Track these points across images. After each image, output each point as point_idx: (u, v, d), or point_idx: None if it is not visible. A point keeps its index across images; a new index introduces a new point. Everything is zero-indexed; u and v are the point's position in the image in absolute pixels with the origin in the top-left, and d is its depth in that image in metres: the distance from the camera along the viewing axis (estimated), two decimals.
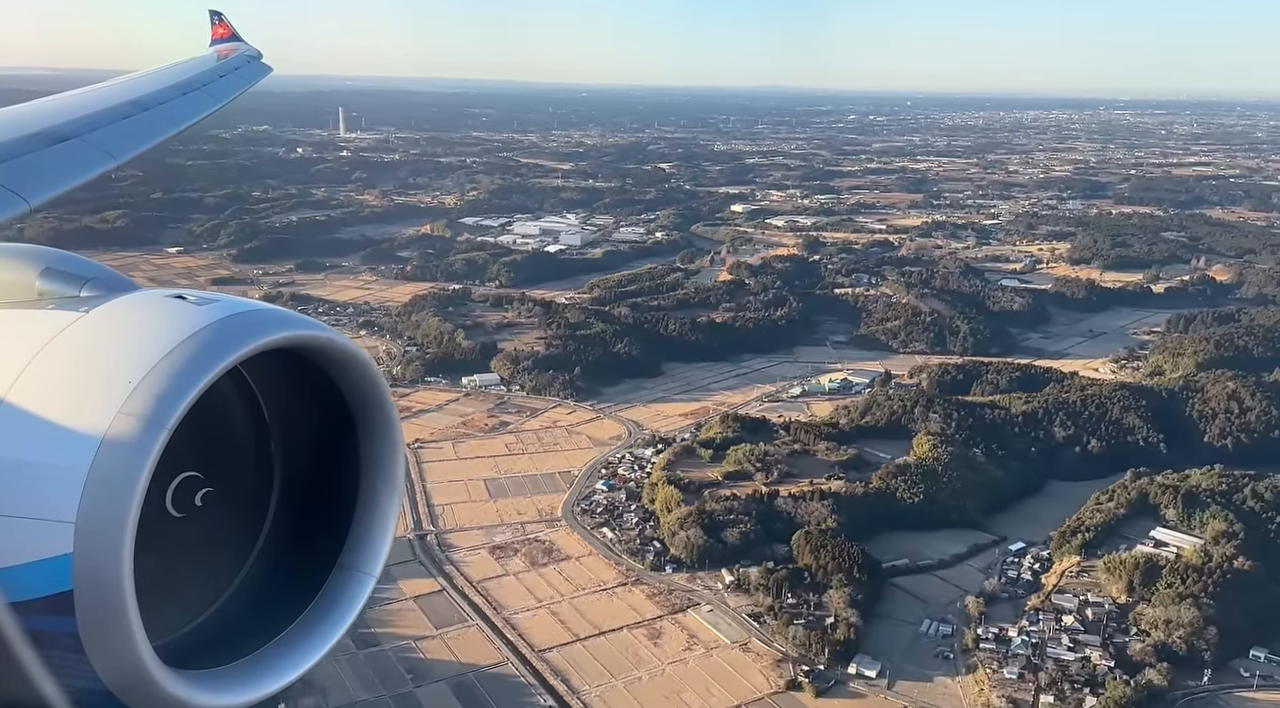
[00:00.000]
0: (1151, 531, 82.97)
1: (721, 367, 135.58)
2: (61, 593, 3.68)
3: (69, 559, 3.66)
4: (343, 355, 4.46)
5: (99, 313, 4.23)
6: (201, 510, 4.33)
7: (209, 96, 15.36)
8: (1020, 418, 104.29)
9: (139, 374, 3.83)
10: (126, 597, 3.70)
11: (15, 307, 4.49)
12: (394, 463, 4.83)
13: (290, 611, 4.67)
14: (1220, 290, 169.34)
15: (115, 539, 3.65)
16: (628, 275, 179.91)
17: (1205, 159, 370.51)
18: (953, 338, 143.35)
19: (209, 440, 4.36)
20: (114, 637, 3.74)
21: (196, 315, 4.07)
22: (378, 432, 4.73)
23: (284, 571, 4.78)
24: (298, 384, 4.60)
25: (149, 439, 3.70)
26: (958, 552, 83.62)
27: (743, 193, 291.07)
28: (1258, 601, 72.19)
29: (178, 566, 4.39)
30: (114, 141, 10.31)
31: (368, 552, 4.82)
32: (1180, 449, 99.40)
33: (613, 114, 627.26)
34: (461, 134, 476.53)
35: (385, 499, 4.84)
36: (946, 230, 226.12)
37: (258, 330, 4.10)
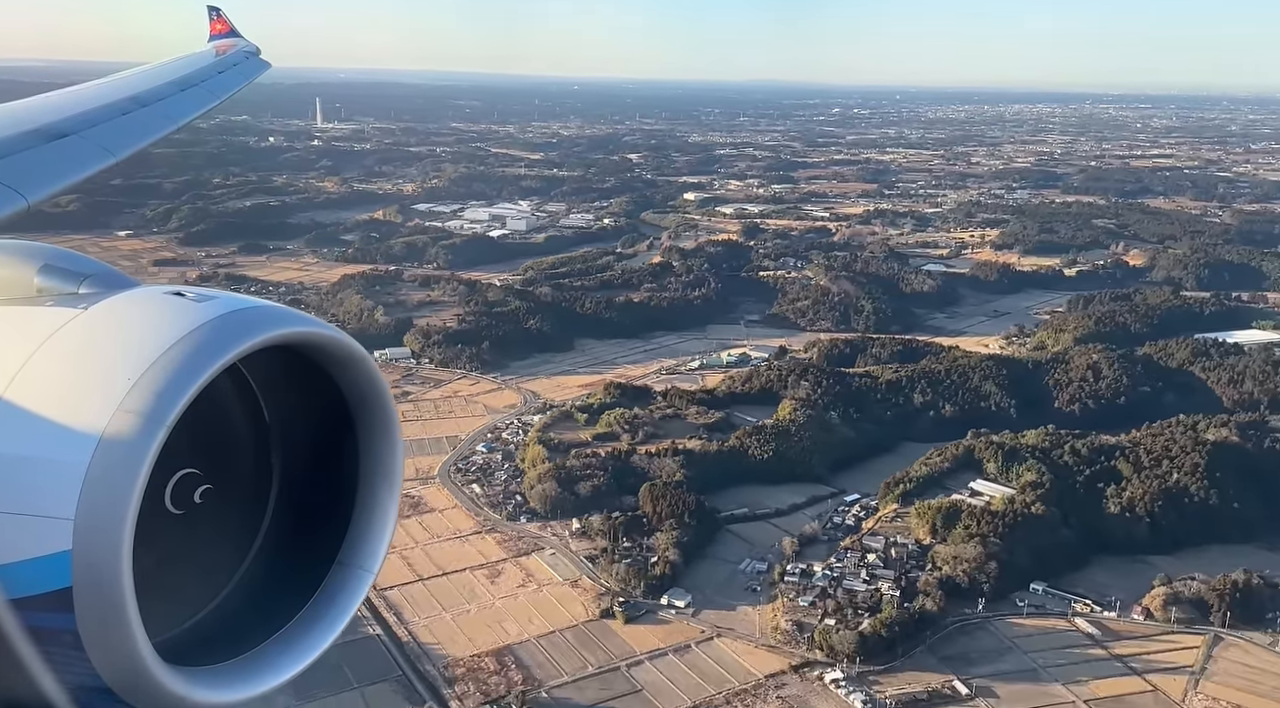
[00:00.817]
0: (972, 482, 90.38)
1: (633, 343, 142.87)
2: (60, 590, 3.71)
3: (68, 556, 3.68)
4: (342, 352, 4.50)
5: (97, 310, 4.26)
6: (201, 507, 4.34)
7: (207, 92, 15.50)
8: (884, 386, 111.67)
9: (138, 371, 3.85)
10: (126, 594, 3.72)
11: (13, 304, 4.53)
12: (394, 460, 4.88)
13: (289, 607, 4.71)
14: (1131, 274, 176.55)
15: (114, 536, 3.67)
16: (562, 259, 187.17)
17: (1169, 151, 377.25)
18: (857, 316, 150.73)
19: (208, 437, 4.39)
20: (113, 634, 3.76)
21: (195, 312, 4.12)
22: (377, 428, 4.79)
23: (283, 567, 4.81)
24: (297, 381, 4.64)
25: (148, 436, 3.73)
26: (796, 502, 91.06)
27: (701, 182, 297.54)
28: (1045, 541, 79.68)
29: (177, 562, 4.41)
30: (112, 138, 10.42)
31: (367, 549, 4.86)
32: (1031, 414, 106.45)
33: (598, 107, 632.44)
34: (440, 124, 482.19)
35: (384, 496, 4.88)
36: (886, 218, 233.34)
37: (256, 327, 4.15)
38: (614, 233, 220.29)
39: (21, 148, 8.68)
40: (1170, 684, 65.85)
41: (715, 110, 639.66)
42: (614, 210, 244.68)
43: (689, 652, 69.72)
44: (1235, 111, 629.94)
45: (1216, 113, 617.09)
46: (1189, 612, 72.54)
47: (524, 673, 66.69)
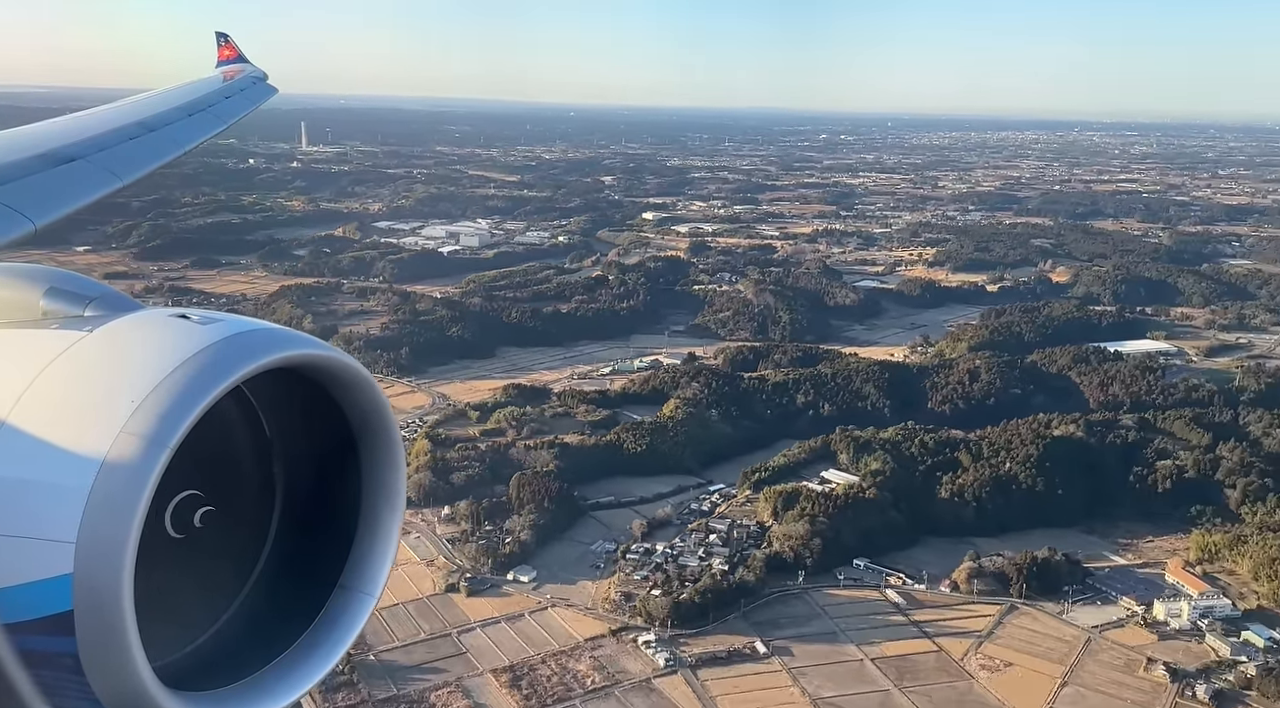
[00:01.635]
0: (824, 471, 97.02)
1: (555, 351, 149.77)
2: (61, 613, 3.72)
3: (69, 579, 3.69)
4: (346, 374, 4.53)
5: (102, 333, 4.30)
6: (203, 530, 4.36)
7: (215, 117, 15.66)
8: (771, 387, 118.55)
9: (141, 394, 3.88)
10: (126, 617, 3.73)
11: (19, 326, 4.59)
12: (396, 482, 4.90)
13: (290, 631, 4.72)
14: (1053, 289, 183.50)
15: (116, 559, 3.69)
16: (504, 272, 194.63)
17: (1136, 176, 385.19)
18: (774, 327, 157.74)
19: (211, 460, 4.42)
20: (114, 658, 3.77)
21: (200, 335, 4.16)
22: (380, 451, 4.82)
23: (284, 591, 4.82)
24: (300, 403, 4.66)
25: (151, 459, 3.75)
26: (662, 491, 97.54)
27: (666, 203, 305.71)
28: (874, 522, 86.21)
29: (178, 586, 4.45)
30: (120, 162, 10.50)
31: (369, 572, 4.89)
32: (906, 413, 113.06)
33: (588, 132, 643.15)
34: (424, 148, 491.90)
35: (387, 519, 4.90)
36: (834, 237, 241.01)
37: (260, 350, 4.18)
38: (566, 249, 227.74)
39: (30, 172, 8.75)
40: (955, 646, 72.13)
41: (704, 136, 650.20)
42: (571, 229, 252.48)
43: (521, 620, 76.14)
44: (1218, 139, 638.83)
45: (1199, 140, 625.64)
46: (991, 584, 78.89)
47: (356, 640, 72.95)
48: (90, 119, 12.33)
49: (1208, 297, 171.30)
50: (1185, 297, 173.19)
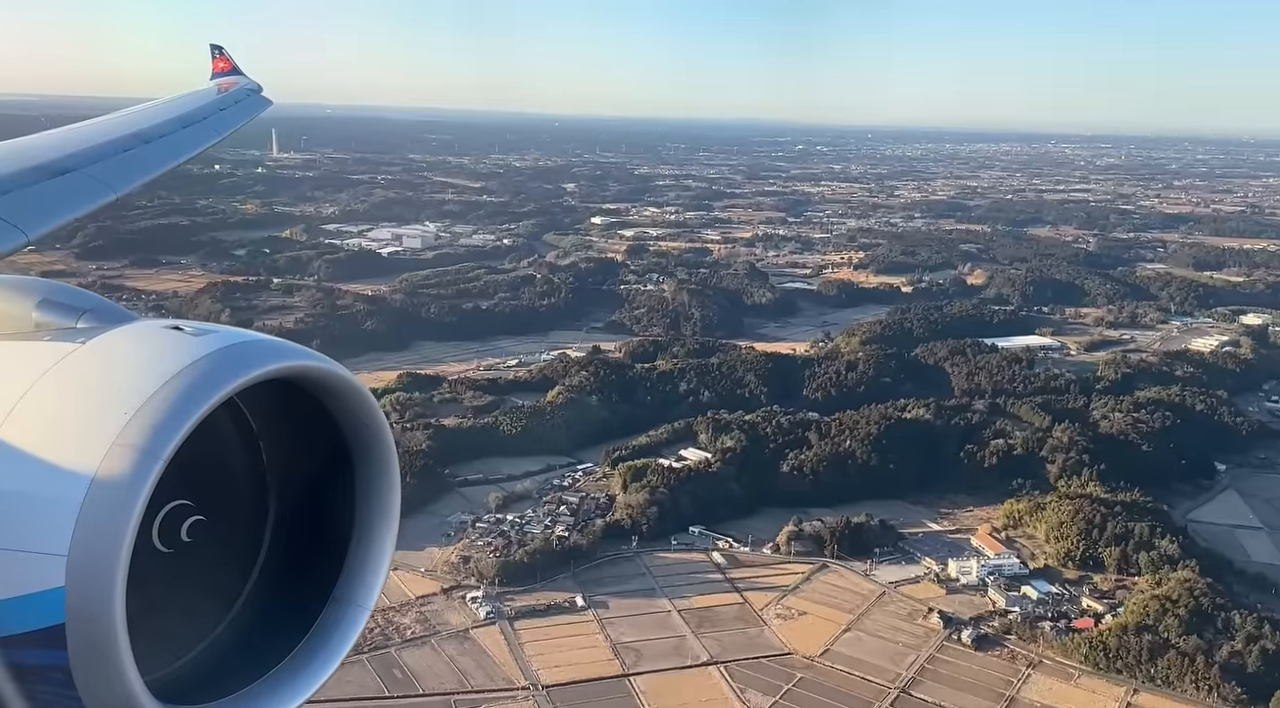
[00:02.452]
0: (683, 449, 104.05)
1: (470, 345, 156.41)
2: (53, 627, 3.72)
3: (61, 593, 3.71)
4: (340, 386, 4.55)
5: (95, 344, 4.30)
6: (196, 543, 4.36)
7: (209, 129, 15.78)
8: (656, 376, 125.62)
9: (134, 405, 3.89)
10: (118, 631, 3.73)
11: (11, 338, 4.60)
12: (390, 495, 4.92)
13: (283, 644, 4.73)
14: (967, 291, 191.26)
15: (108, 572, 3.70)
16: (436, 272, 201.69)
17: (1091, 187, 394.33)
18: (686, 323, 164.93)
19: (204, 472, 4.43)
20: (105, 671, 3.78)
21: (193, 346, 4.16)
22: (374, 463, 4.84)
23: (277, 604, 4.84)
24: (294, 414, 4.68)
25: (144, 471, 3.76)
26: (532, 470, 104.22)
27: (621, 208, 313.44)
28: (714, 493, 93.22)
29: (171, 599, 4.47)
30: (114, 174, 10.64)
31: (363, 584, 4.90)
32: (782, 399, 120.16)
33: (566, 141, 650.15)
34: (397, 155, 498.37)
35: (381, 531, 4.92)
36: (772, 241, 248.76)
37: (254, 361, 4.19)
38: (509, 251, 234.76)
39: (23, 184, 8.76)
40: (760, 599, 78.99)
41: (681, 145, 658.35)
42: (519, 232, 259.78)
43: None
44: (1187, 152, 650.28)
45: (1169, 153, 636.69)
46: (808, 546, 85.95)
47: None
48: (84, 131, 12.45)
49: (1110, 297, 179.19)
50: (1090, 297, 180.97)
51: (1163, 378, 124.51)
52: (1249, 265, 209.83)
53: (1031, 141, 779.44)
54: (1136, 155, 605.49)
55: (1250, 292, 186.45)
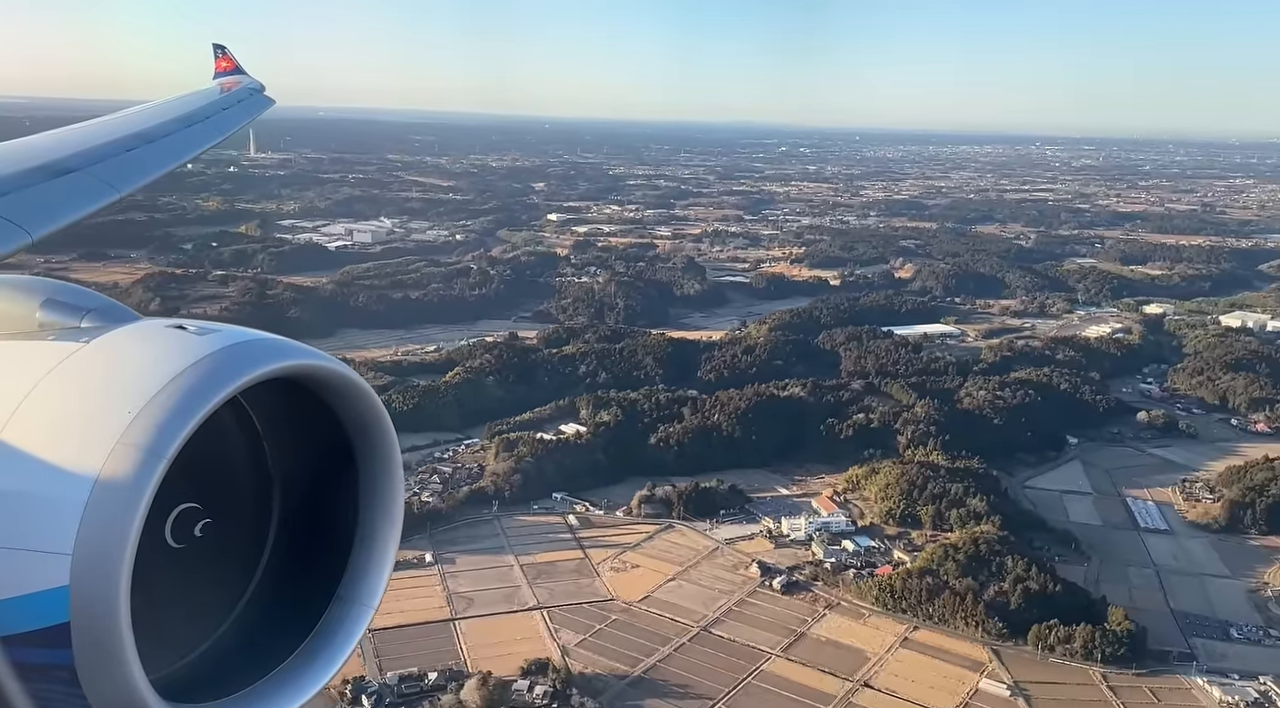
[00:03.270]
0: (563, 424, 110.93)
1: (396, 333, 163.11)
2: (58, 625, 3.75)
3: (66, 591, 3.74)
4: (343, 384, 4.58)
5: (99, 343, 4.33)
6: (200, 542, 4.41)
7: (212, 128, 16.01)
8: (558, 359, 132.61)
9: (138, 405, 3.92)
10: (123, 629, 3.77)
11: (16, 338, 4.63)
12: (394, 493, 4.97)
13: (288, 643, 4.78)
14: (894, 284, 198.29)
15: (112, 571, 3.73)
16: (378, 264, 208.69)
17: (1055, 187, 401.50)
18: (610, 312, 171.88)
19: (208, 471, 4.45)
20: (110, 670, 3.81)
21: (196, 345, 4.19)
22: (377, 461, 4.88)
23: (282, 602, 4.88)
24: (297, 413, 4.71)
25: (148, 470, 3.80)
26: (419, 445, 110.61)
27: (583, 206, 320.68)
28: (581, 463, 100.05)
29: (175, 597, 4.49)
30: (117, 174, 10.74)
31: (366, 584, 4.94)
32: (677, 380, 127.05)
33: (550, 142, 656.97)
34: (374, 156, 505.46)
35: (384, 530, 4.95)
36: (721, 238, 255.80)
37: (257, 360, 4.22)
38: (458, 246, 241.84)
39: (27, 184, 8.86)
40: (600, 555, 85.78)
41: (665, 146, 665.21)
42: (474, 228, 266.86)
43: None
44: (1167, 153, 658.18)
45: (1149, 154, 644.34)
46: (659, 509, 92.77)
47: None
48: (87, 131, 12.50)
49: (1028, 289, 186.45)
50: (1010, 289, 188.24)
51: (1042, 361, 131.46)
52: (1173, 260, 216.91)
53: (1016, 143, 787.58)
54: (1115, 156, 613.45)
55: (1166, 284, 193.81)
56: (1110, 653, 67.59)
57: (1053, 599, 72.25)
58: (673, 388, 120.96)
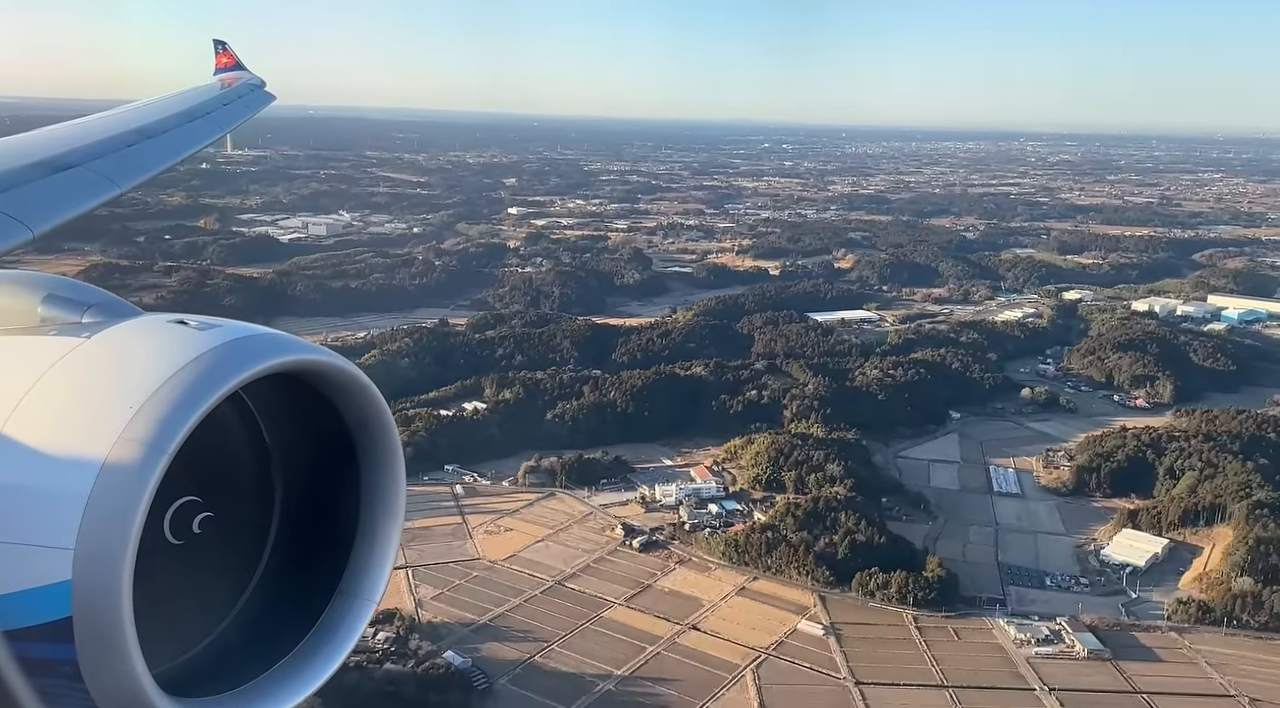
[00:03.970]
0: (465, 403, 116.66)
1: (330, 320, 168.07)
2: (60, 620, 3.79)
3: (68, 586, 3.77)
4: (344, 379, 4.65)
5: (100, 339, 4.38)
6: (202, 536, 4.44)
7: (212, 124, 16.22)
8: (476, 342, 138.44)
9: (139, 400, 3.96)
10: (126, 624, 3.81)
11: (17, 333, 4.67)
12: (395, 488, 5.05)
13: (290, 637, 4.83)
14: (833, 273, 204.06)
15: (115, 566, 3.77)
16: (327, 255, 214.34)
17: (1021, 182, 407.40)
18: (546, 301, 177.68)
19: (210, 466, 4.49)
20: (113, 664, 3.85)
21: (198, 340, 4.25)
22: (378, 456, 4.95)
23: (284, 596, 4.93)
24: (299, 408, 4.76)
25: (149, 464, 3.84)
26: None
27: (547, 201, 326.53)
28: (475, 437, 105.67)
29: (177, 592, 4.54)
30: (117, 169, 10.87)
31: (368, 578, 4.98)
32: (591, 362, 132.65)
33: (533, 139, 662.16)
34: (353, 153, 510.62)
35: (386, 524, 5.02)
36: (675, 230, 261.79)
37: (259, 355, 4.27)
38: (414, 238, 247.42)
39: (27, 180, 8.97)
40: (478, 520, 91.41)
41: (648, 143, 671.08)
42: (433, 221, 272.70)
43: None
44: (1147, 148, 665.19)
45: (1129, 149, 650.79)
46: (543, 478, 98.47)
47: None
48: (88, 126, 12.52)
49: (959, 277, 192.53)
50: (942, 278, 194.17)
51: (945, 343, 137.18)
52: (1109, 250, 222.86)
53: (1000, 140, 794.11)
54: (1094, 152, 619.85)
55: (1096, 273, 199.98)
56: (922, 597, 73.51)
57: (878, 550, 78.20)
58: (581, 369, 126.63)
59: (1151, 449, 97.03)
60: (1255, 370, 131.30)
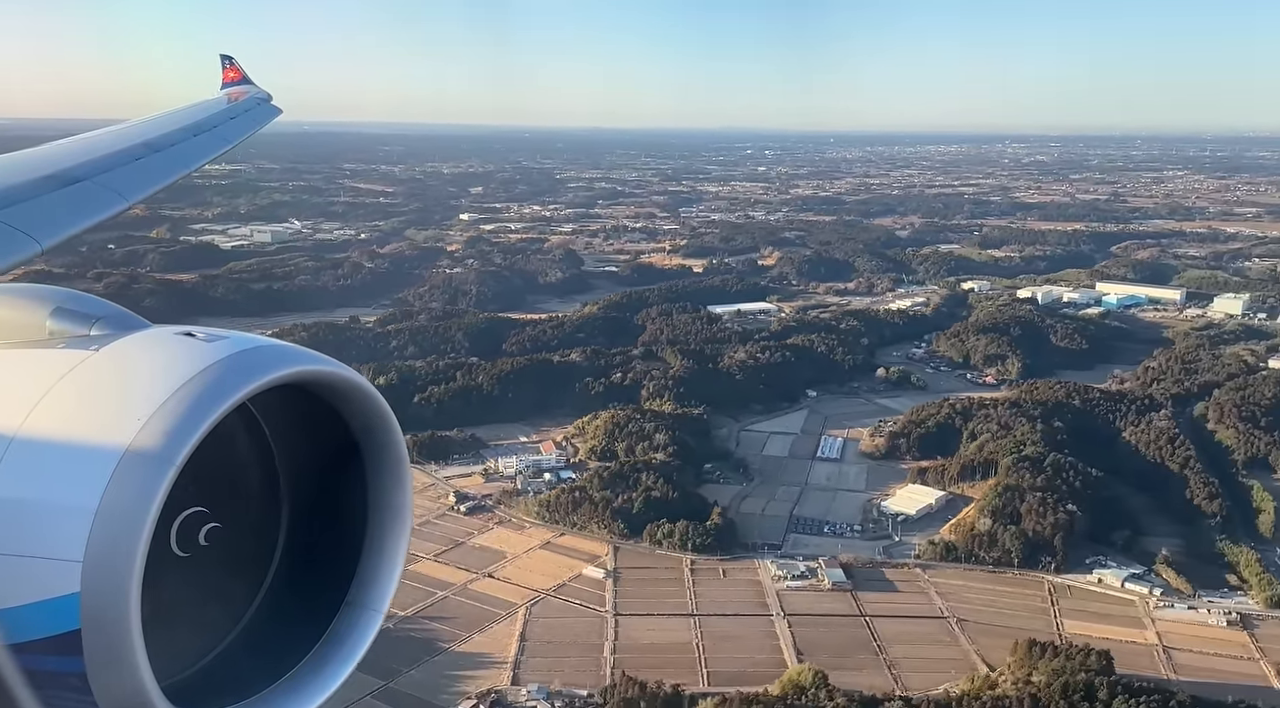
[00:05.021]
0: None
1: (251, 321, 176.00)
2: (69, 633, 3.82)
3: (76, 598, 3.80)
4: (350, 389, 4.70)
5: (108, 351, 4.43)
6: (209, 547, 4.47)
7: (219, 138, 16.59)
8: (371, 336, 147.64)
9: (147, 412, 4.00)
10: (134, 636, 3.84)
11: (26, 346, 4.72)
12: (402, 498, 5.08)
13: (298, 649, 4.86)
14: (757, 270, 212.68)
15: (123, 578, 3.79)
16: (262, 260, 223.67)
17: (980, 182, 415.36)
18: (463, 298, 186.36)
19: (217, 477, 4.55)
20: (121, 677, 3.88)
21: (205, 352, 4.29)
22: (385, 466, 5.00)
23: (291, 607, 4.97)
24: (305, 418, 4.81)
25: (157, 476, 3.87)
26: None
27: (503, 207, 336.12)
28: None
29: (185, 604, 4.59)
30: (125, 183, 11.04)
31: (376, 588, 5.04)
32: (485, 353, 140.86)
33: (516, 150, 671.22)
34: (330, 166, 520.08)
35: (393, 534, 5.07)
36: (619, 233, 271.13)
37: (265, 366, 4.32)
38: (360, 243, 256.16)
39: (36, 194, 9.08)
40: None
41: (632, 151, 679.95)
42: (384, 227, 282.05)
43: None
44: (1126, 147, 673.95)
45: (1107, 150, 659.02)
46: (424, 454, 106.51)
47: None
48: (96, 141, 12.75)
49: (873, 271, 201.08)
50: (857, 272, 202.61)
51: (825, 329, 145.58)
52: (1025, 244, 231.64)
53: (984, 143, 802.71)
54: (1073, 152, 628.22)
55: (1007, 265, 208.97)
56: (701, 543, 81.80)
57: (671, 504, 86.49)
58: (463, 358, 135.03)
59: (961, 416, 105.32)
60: (1113, 349, 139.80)
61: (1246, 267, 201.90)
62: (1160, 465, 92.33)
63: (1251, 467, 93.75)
